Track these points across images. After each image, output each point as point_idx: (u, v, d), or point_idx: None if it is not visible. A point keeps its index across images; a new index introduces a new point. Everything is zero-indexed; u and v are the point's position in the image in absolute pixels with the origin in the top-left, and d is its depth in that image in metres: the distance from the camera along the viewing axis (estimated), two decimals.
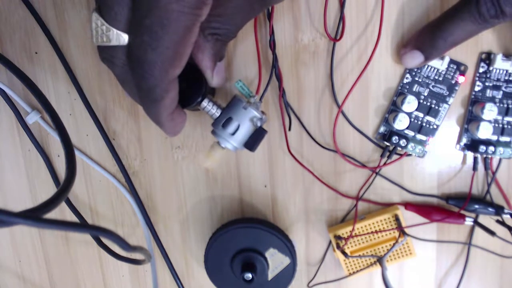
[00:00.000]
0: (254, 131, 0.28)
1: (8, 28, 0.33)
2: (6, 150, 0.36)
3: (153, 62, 0.21)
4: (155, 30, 0.20)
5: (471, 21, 0.26)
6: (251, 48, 0.31)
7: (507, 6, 0.24)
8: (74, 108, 0.34)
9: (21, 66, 0.33)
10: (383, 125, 0.32)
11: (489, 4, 0.25)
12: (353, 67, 0.31)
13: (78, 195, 0.36)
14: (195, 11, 0.20)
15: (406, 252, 0.34)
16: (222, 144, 0.28)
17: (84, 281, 0.39)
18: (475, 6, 0.25)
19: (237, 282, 0.33)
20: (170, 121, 0.25)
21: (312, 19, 0.31)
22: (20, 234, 0.38)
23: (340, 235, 0.33)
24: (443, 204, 0.33)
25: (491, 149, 0.30)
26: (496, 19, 0.25)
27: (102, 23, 0.22)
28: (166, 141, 0.34)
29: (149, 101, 0.23)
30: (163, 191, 0.36)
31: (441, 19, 0.27)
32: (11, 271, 0.39)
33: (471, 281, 0.35)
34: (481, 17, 0.25)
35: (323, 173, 0.34)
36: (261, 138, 0.28)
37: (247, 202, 0.35)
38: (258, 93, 0.30)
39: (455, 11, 0.26)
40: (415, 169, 0.33)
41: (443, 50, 0.28)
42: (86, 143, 0.35)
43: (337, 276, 0.36)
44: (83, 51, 0.33)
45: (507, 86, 0.30)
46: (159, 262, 0.37)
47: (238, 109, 0.27)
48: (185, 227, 0.36)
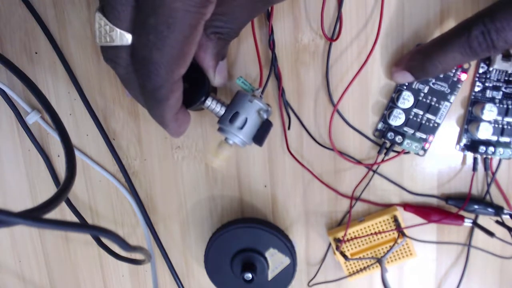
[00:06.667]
0: (261, 124, 0.28)
1: (8, 28, 0.33)
2: (6, 150, 0.36)
3: (158, 62, 0.21)
4: (160, 29, 0.20)
5: (461, 53, 0.25)
6: (252, 48, 0.31)
7: (500, 42, 0.24)
8: (74, 108, 0.34)
9: (21, 66, 0.33)
10: (381, 122, 0.32)
11: (481, 39, 0.24)
12: (351, 66, 0.31)
13: (78, 195, 0.36)
14: (200, 10, 0.20)
15: (406, 252, 0.34)
16: (231, 140, 0.28)
17: (84, 281, 0.39)
18: (466, 40, 0.24)
19: (237, 282, 0.33)
20: (175, 122, 0.25)
21: (312, 19, 0.31)
22: (20, 234, 0.38)
23: (340, 237, 0.33)
24: (442, 205, 0.33)
25: (491, 149, 0.30)
26: (487, 52, 0.25)
27: (105, 23, 0.21)
28: (166, 141, 0.34)
29: (153, 102, 0.23)
30: (163, 191, 0.36)
31: (433, 47, 0.27)
32: (11, 271, 0.39)
33: (471, 281, 0.35)
34: (472, 51, 0.25)
35: (323, 173, 0.34)
36: (268, 130, 0.28)
37: (247, 202, 0.35)
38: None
39: (446, 41, 0.26)
40: (415, 169, 0.33)
41: (433, 75, 0.28)
42: (86, 143, 0.35)
43: (337, 276, 0.36)
44: (83, 51, 0.33)
45: (507, 86, 0.30)
46: (159, 262, 0.37)
47: (244, 102, 0.27)
48: (185, 227, 0.36)
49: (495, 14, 0.23)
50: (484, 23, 0.24)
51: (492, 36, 0.24)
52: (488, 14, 0.24)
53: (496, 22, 0.23)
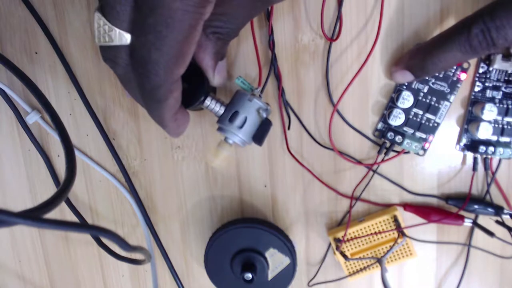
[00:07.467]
0: (260, 124, 0.28)
1: (8, 28, 0.33)
2: (6, 150, 0.36)
3: (157, 62, 0.21)
4: (159, 29, 0.20)
5: (461, 52, 0.25)
6: (252, 48, 0.31)
7: (500, 39, 0.24)
8: (74, 108, 0.34)
9: (21, 66, 0.33)
10: (381, 122, 0.32)
11: (481, 37, 0.24)
12: (351, 66, 0.31)
13: (78, 195, 0.36)
14: (199, 10, 0.20)
15: (406, 252, 0.34)
16: (230, 140, 0.28)
17: (84, 281, 0.39)
18: (466, 38, 0.24)
19: (237, 282, 0.33)
20: (174, 122, 0.25)
21: (312, 19, 0.31)
22: (20, 234, 0.38)
23: (340, 237, 0.33)
24: (442, 205, 0.33)
25: (491, 149, 0.30)
26: (487, 51, 0.25)
27: (104, 23, 0.21)
28: (166, 141, 0.34)
29: (152, 102, 0.23)
30: (163, 191, 0.36)
31: (433, 45, 0.27)
32: (11, 271, 0.39)
33: (471, 281, 0.35)
34: (472, 48, 0.25)
35: (323, 173, 0.34)
36: (267, 130, 0.28)
37: (247, 202, 0.35)
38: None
39: (446, 39, 0.26)
40: (415, 169, 0.33)
41: (433, 73, 0.28)
42: (86, 143, 0.35)
43: (337, 276, 0.36)
44: (83, 51, 0.33)
45: (507, 86, 0.30)
46: (159, 262, 0.37)
47: (243, 102, 0.27)
48: (185, 227, 0.36)
49: (495, 12, 0.23)
50: (484, 21, 0.24)
51: (492, 34, 0.24)
52: (488, 12, 0.24)
53: (496, 20, 0.23)
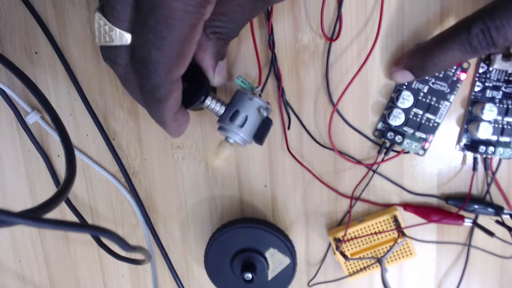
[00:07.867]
0: (261, 123, 0.28)
1: (8, 28, 0.33)
2: (6, 150, 0.36)
3: (157, 62, 0.21)
4: (160, 29, 0.20)
5: (461, 51, 0.25)
6: (252, 48, 0.31)
7: (500, 39, 0.24)
8: (74, 108, 0.34)
9: (21, 66, 0.33)
10: (381, 122, 0.32)
11: (481, 37, 0.24)
12: (351, 66, 0.31)
13: (78, 195, 0.36)
14: (200, 10, 0.20)
15: (406, 252, 0.34)
16: (231, 139, 0.28)
17: (84, 281, 0.39)
18: (466, 38, 0.24)
19: (237, 282, 0.33)
20: (174, 122, 0.25)
21: (312, 19, 0.31)
22: (20, 234, 0.38)
23: (340, 237, 0.33)
24: (442, 204, 0.33)
25: (491, 149, 0.30)
26: (487, 50, 0.25)
27: (104, 23, 0.21)
28: (166, 141, 0.34)
29: (153, 102, 0.23)
30: (163, 191, 0.36)
31: (433, 44, 0.27)
32: (11, 271, 0.39)
33: (471, 281, 0.35)
34: (471, 48, 0.25)
35: (323, 173, 0.34)
36: (268, 128, 0.28)
37: (247, 202, 0.35)
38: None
39: (446, 39, 0.26)
40: (415, 169, 0.33)
41: (433, 73, 0.28)
42: (86, 143, 0.35)
43: (337, 276, 0.36)
44: (83, 51, 0.33)
45: (507, 86, 0.30)
46: (159, 262, 0.37)
47: (244, 101, 0.27)
48: (185, 227, 0.36)
49: (495, 12, 0.23)
50: (484, 21, 0.24)
51: (492, 34, 0.24)
52: (488, 12, 0.24)
53: (496, 20, 0.23)
